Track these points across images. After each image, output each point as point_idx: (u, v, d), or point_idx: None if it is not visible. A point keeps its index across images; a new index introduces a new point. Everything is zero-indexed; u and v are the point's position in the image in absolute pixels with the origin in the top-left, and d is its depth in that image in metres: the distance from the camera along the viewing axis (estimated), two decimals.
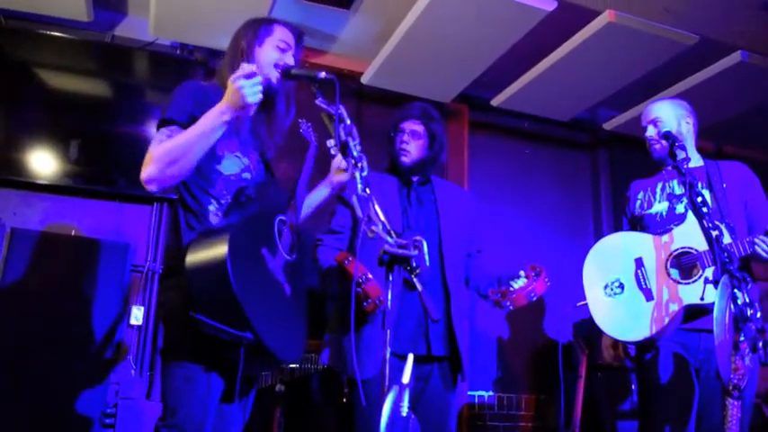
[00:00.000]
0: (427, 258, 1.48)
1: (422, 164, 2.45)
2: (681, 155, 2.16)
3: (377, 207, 1.55)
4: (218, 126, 1.71)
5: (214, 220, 1.81)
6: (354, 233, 2.40)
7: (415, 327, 2.26)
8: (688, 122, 2.50)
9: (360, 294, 2.06)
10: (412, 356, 1.59)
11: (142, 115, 3.61)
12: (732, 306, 1.68)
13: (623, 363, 3.35)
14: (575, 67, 3.69)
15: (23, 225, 3.32)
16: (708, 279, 2.16)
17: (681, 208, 2.41)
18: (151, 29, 3.53)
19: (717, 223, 1.90)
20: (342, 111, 1.67)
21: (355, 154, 1.61)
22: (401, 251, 1.46)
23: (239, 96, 1.66)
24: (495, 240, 4.16)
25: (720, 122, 4.17)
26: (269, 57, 1.92)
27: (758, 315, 1.68)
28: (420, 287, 1.51)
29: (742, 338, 1.66)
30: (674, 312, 2.21)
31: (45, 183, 3.41)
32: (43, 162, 3.40)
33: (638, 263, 2.36)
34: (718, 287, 1.69)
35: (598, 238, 2.56)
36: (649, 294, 2.30)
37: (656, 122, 2.48)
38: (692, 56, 3.61)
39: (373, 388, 2.06)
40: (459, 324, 2.32)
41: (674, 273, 2.28)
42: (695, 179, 2.07)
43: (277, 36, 1.96)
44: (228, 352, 1.64)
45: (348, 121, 1.67)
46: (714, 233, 1.86)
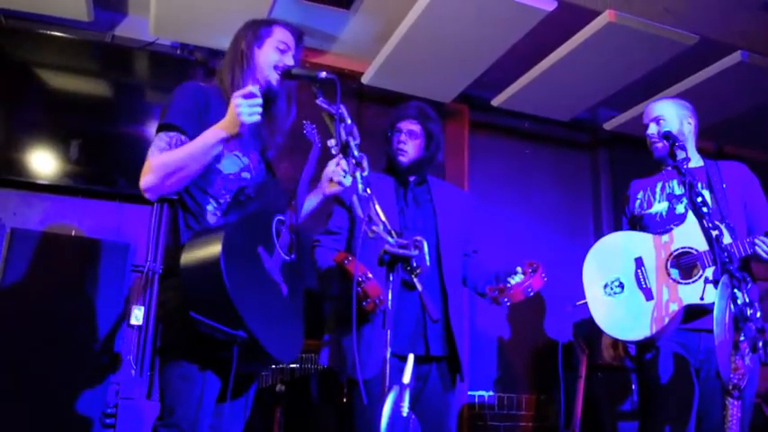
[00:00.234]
0: (428, 258, 1.48)
1: (419, 163, 2.45)
2: (681, 155, 2.16)
3: (377, 207, 1.55)
4: (216, 144, 1.73)
5: (212, 219, 1.81)
6: (351, 234, 2.40)
7: (413, 327, 2.27)
8: (690, 123, 2.50)
9: (359, 294, 2.06)
10: (412, 356, 1.59)
11: (142, 115, 3.61)
12: (732, 306, 1.69)
13: (623, 362, 3.34)
14: (575, 67, 3.69)
15: (23, 225, 3.32)
16: (708, 279, 2.16)
17: (681, 208, 2.41)
18: (151, 29, 3.53)
19: (717, 223, 1.90)
20: (342, 110, 1.67)
21: (356, 154, 1.61)
22: (402, 251, 1.46)
23: (236, 118, 1.69)
24: (496, 240, 4.17)
25: (720, 122, 4.17)
26: (269, 58, 1.92)
27: (758, 315, 1.68)
28: (420, 287, 1.51)
29: (742, 338, 1.66)
30: (674, 312, 2.21)
31: (45, 183, 3.40)
32: (43, 162, 3.40)
33: (638, 262, 2.36)
34: (718, 287, 1.69)
35: (598, 238, 2.56)
36: (649, 294, 2.30)
37: (658, 121, 2.47)
38: (692, 56, 3.61)
39: (373, 388, 2.06)
40: (458, 324, 2.32)
41: (674, 273, 2.28)
42: (695, 179, 2.06)
43: (276, 37, 1.95)
44: (223, 351, 1.64)
45: (349, 121, 1.67)
46: (714, 233, 1.86)
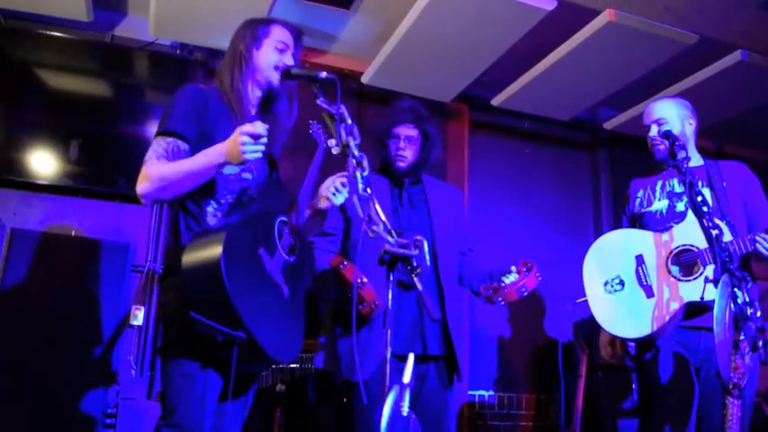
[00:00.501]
0: (428, 258, 1.48)
1: (416, 166, 2.46)
2: (681, 154, 2.16)
3: (377, 207, 1.55)
4: (213, 168, 1.74)
5: (212, 221, 1.81)
6: (347, 235, 2.41)
7: (410, 327, 2.27)
8: (691, 123, 2.50)
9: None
10: (413, 356, 1.59)
11: (142, 115, 3.61)
12: (732, 305, 1.69)
13: (621, 361, 3.35)
14: (575, 66, 3.69)
15: (23, 225, 3.32)
16: (708, 278, 2.16)
17: (681, 206, 2.41)
18: (151, 29, 3.53)
19: (717, 222, 1.90)
20: (343, 110, 1.67)
21: (356, 153, 1.61)
22: (402, 251, 1.46)
23: (238, 152, 1.67)
24: (496, 240, 4.17)
25: (720, 122, 4.17)
26: (268, 59, 1.92)
27: (758, 314, 1.68)
28: (421, 287, 1.51)
29: (742, 337, 1.66)
30: (674, 310, 2.21)
31: (45, 183, 3.40)
32: (43, 162, 3.40)
33: (639, 260, 2.36)
34: (719, 286, 1.69)
35: (598, 237, 2.56)
36: (650, 291, 2.30)
37: (660, 122, 2.46)
38: (692, 55, 3.61)
39: (371, 389, 2.07)
40: (455, 323, 2.32)
41: (674, 270, 2.28)
42: (695, 178, 2.07)
43: (275, 37, 1.95)
44: (223, 351, 1.64)
45: (349, 121, 1.67)
46: (714, 232, 1.86)
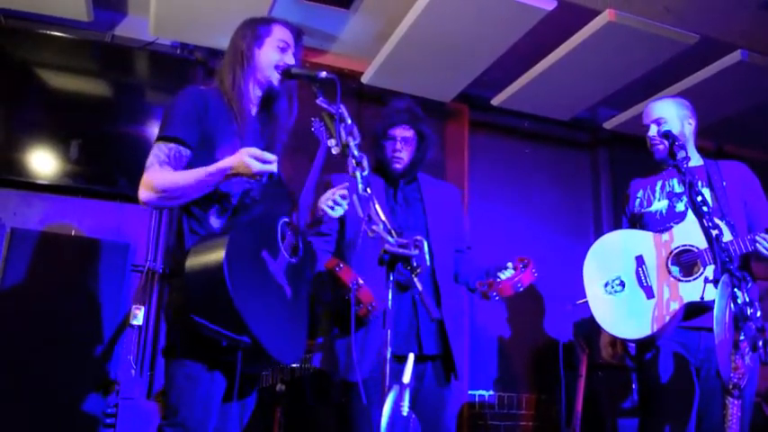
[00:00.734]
0: (428, 258, 1.48)
1: (412, 167, 2.46)
2: (681, 154, 2.16)
3: (377, 207, 1.55)
4: (219, 180, 1.74)
5: (215, 223, 1.81)
6: (341, 235, 2.41)
7: (406, 327, 2.27)
8: (690, 123, 2.50)
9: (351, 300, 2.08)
10: (412, 356, 1.59)
11: (142, 115, 3.61)
12: (732, 305, 1.68)
13: (622, 361, 3.35)
14: (575, 66, 3.68)
15: (23, 225, 3.32)
16: (708, 278, 2.16)
17: (681, 206, 2.41)
18: (151, 29, 3.53)
19: (717, 222, 1.90)
20: (342, 110, 1.67)
21: (356, 153, 1.61)
22: (402, 251, 1.46)
23: (247, 167, 1.69)
24: (495, 240, 4.17)
25: (720, 122, 4.17)
26: (269, 58, 1.92)
27: (758, 314, 1.68)
28: (421, 287, 1.51)
29: (742, 337, 1.66)
30: (674, 310, 2.21)
31: (45, 183, 3.40)
32: (43, 162, 3.40)
33: (639, 260, 2.36)
34: (719, 286, 1.69)
35: (598, 237, 2.56)
36: (650, 292, 2.30)
37: (659, 122, 2.46)
38: (692, 55, 3.61)
39: (367, 389, 2.06)
40: (451, 322, 2.31)
41: (674, 270, 2.28)
42: (695, 178, 2.06)
43: (276, 36, 1.95)
44: (227, 355, 1.64)
45: (349, 121, 1.67)
46: (714, 232, 1.86)
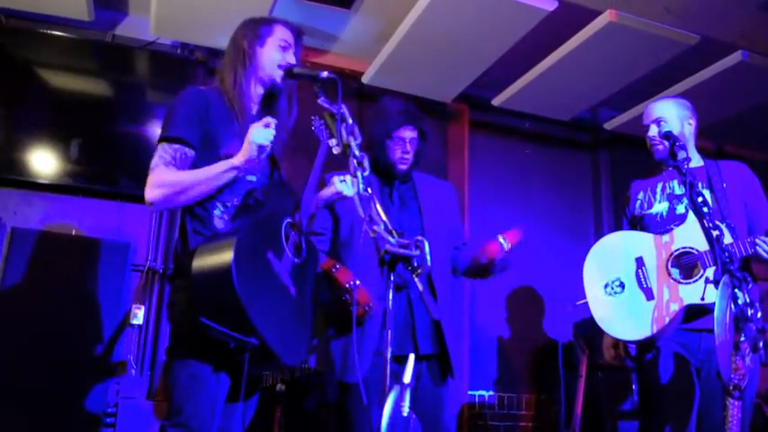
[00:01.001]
0: (429, 258, 1.48)
1: (413, 166, 2.46)
2: (681, 155, 2.16)
3: (378, 207, 1.54)
4: (230, 175, 1.77)
5: (219, 224, 1.81)
6: (336, 234, 2.41)
7: (402, 327, 2.27)
8: (690, 123, 2.49)
9: (348, 301, 2.08)
10: (413, 356, 1.59)
11: (143, 115, 3.61)
12: (733, 306, 1.68)
13: (624, 363, 3.35)
14: (575, 66, 3.69)
15: (24, 224, 3.32)
16: (708, 279, 2.16)
17: (681, 208, 2.41)
18: (152, 28, 3.53)
19: (717, 223, 1.90)
20: (344, 110, 1.67)
21: (357, 153, 1.61)
22: (403, 251, 1.46)
23: (253, 146, 1.73)
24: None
25: (720, 122, 4.17)
26: (272, 57, 1.93)
27: (759, 315, 1.68)
28: (421, 287, 1.51)
29: (742, 338, 1.66)
30: (674, 312, 2.21)
31: (46, 182, 3.40)
32: (44, 161, 3.40)
33: (639, 262, 2.36)
34: (719, 287, 1.69)
35: (599, 238, 2.56)
36: (650, 294, 2.30)
37: (659, 122, 2.46)
38: (693, 56, 3.61)
39: (365, 389, 2.06)
40: (447, 321, 2.31)
41: (674, 272, 2.28)
42: (695, 179, 2.06)
43: (278, 35, 1.96)
44: (235, 356, 1.64)
45: (350, 121, 1.67)
46: (715, 233, 1.86)
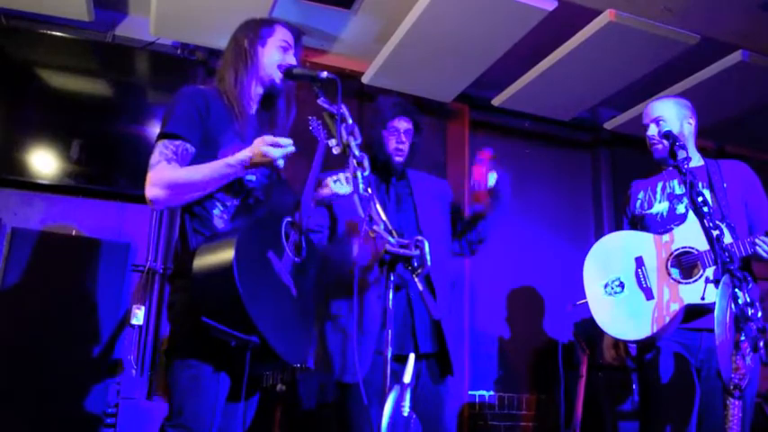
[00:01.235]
0: (429, 258, 1.48)
1: (408, 159, 2.46)
2: (681, 154, 2.15)
3: (378, 206, 1.54)
4: (237, 172, 1.76)
5: (219, 223, 1.81)
6: (333, 232, 2.41)
7: (401, 327, 2.26)
8: (690, 123, 2.49)
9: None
10: (413, 356, 1.59)
11: (143, 115, 3.61)
12: (733, 306, 1.68)
13: (624, 363, 3.35)
14: (575, 66, 3.68)
15: (24, 225, 3.32)
16: (708, 279, 2.16)
17: (681, 208, 2.41)
18: (152, 28, 3.53)
19: (717, 223, 1.89)
20: (343, 110, 1.67)
21: (357, 153, 1.61)
22: (403, 251, 1.46)
23: (266, 156, 1.72)
24: (495, 240, 4.15)
25: (721, 122, 4.17)
26: (272, 57, 1.93)
27: (759, 315, 1.68)
28: (421, 287, 1.51)
29: (743, 338, 1.66)
30: (674, 312, 2.21)
31: (46, 182, 3.40)
32: (44, 162, 3.40)
33: (639, 262, 2.36)
34: (719, 287, 1.69)
35: (599, 238, 2.56)
36: (650, 293, 2.30)
37: (658, 121, 2.46)
38: (693, 55, 3.61)
39: (362, 390, 2.07)
40: (445, 320, 2.31)
41: (674, 272, 2.28)
42: (696, 179, 2.06)
43: (279, 36, 1.96)
44: (236, 355, 1.64)
45: (350, 121, 1.67)
46: (715, 233, 1.85)
